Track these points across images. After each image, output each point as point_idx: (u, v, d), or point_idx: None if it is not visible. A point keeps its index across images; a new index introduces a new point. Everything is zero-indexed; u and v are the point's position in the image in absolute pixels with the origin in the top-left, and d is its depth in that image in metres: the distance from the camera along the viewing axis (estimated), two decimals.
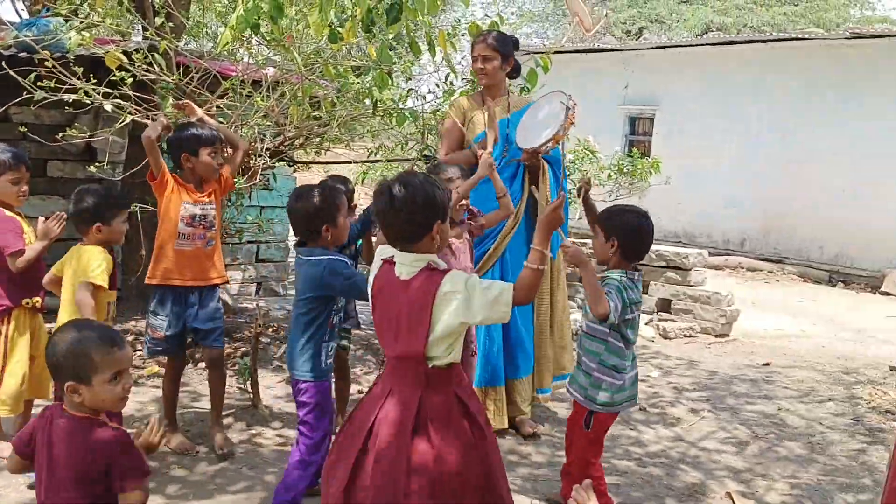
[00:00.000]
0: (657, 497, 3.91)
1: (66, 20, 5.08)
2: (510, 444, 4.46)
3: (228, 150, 4.25)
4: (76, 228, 3.63)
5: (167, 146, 4.17)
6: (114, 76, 4.61)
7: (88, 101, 4.65)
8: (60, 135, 4.85)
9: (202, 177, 4.07)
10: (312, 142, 5.86)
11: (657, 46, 15.62)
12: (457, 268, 3.08)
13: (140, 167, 5.26)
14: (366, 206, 4.15)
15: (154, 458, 3.92)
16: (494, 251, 4.45)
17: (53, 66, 4.54)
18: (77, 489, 2.26)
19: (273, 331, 6.30)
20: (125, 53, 4.65)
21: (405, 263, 2.55)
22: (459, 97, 5.03)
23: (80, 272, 3.49)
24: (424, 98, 6.16)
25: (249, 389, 4.81)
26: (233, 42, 3.98)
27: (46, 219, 3.76)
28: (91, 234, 3.57)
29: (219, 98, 4.94)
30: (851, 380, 6.22)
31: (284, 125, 5.24)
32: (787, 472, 4.32)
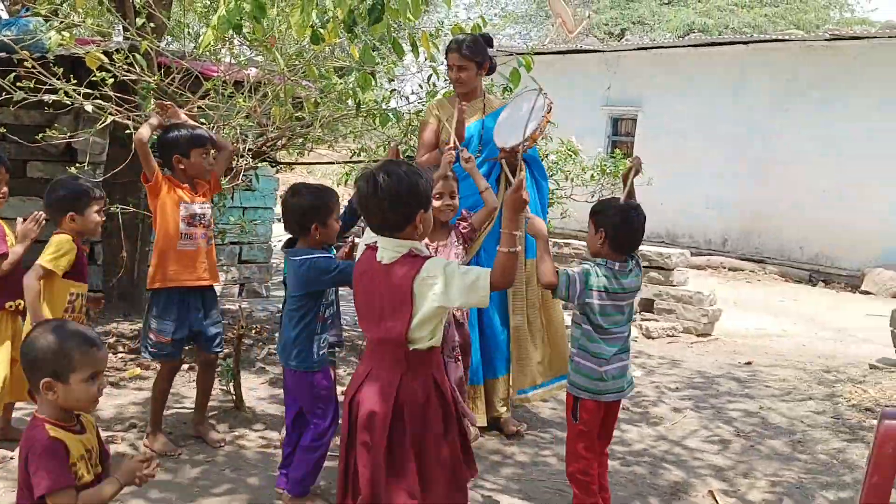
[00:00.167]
0: (640, 496, 3.93)
1: (46, 20, 5.04)
2: (494, 445, 4.46)
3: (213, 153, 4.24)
4: (51, 218, 3.62)
5: (158, 147, 4.15)
6: (94, 77, 4.58)
7: (69, 102, 4.61)
8: (40, 135, 4.81)
9: (193, 177, 4.07)
10: (295, 142, 5.85)
11: (639, 48, 15.71)
12: None
13: (121, 168, 5.25)
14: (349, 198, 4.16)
15: None
16: (471, 248, 4.45)
17: (33, 67, 4.50)
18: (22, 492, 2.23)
19: (256, 332, 6.28)
20: (106, 54, 4.62)
21: (387, 248, 2.60)
22: (436, 99, 5.03)
23: (43, 255, 3.51)
24: (408, 99, 6.16)
25: (232, 391, 4.79)
26: (215, 43, 3.96)
27: (25, 220, 3.73)
28: (65, 224, 3.58)
29: (200, 99, 4.92)
30: (832, 378, 6.28)
31: (267, 126, 5.22)
32: (769, 470, 4.35)
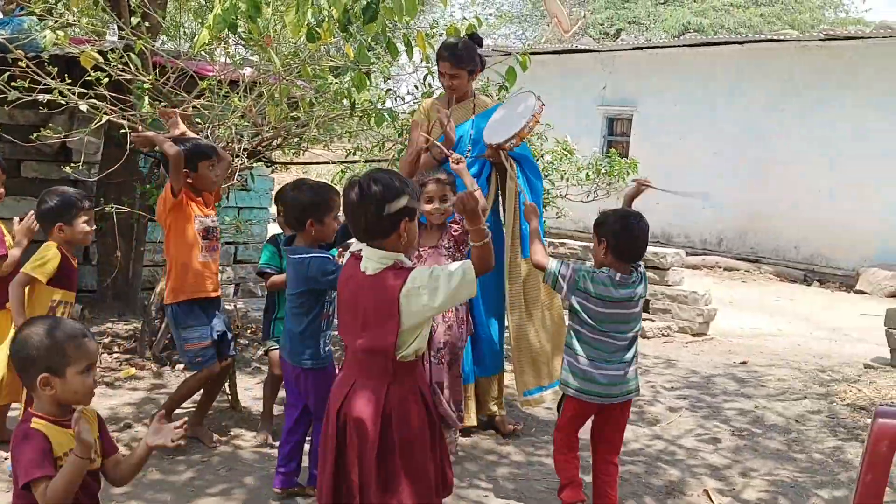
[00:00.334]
0: (636, 495, 3.93)
1: (41, 19, 5.03)
2: (489, 444, 4.46)
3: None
4: (41, 228, 3.64)
5: (164, 162, 4.16)
6: (89, 76, 4.57)
7: (63, 102, 4.60)
8: (35, 135, 4.80)
9: (201, 190, 4.09)
10: (290, 142, 5.84)
11: (635, 47, 15.72)
12: None
13: (115, 168, 5.24)
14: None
15: None
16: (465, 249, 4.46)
17: (28, 66, 4.49)
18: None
19: (251, 332, 6.27)
20: (101, 53, 4.61)
21: (372, 259, 2.60)
22: (426, 99, 5.03)
23: (31, 261, 3.55)
24: (403, 99, 6.16)
25: (228, 391, 4.78)
26: (210, 42, 3.95)
27: (21, 220, 3.76)
28: (54, 234, 3.61)
29: (195, 98, 4.91)
30: (827, 377, 6.29)
31: (262, 126, 5.22)
32: (764, 469, 4.36)
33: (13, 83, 4.48)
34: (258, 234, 8.63)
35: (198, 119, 4.87)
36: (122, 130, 4.77)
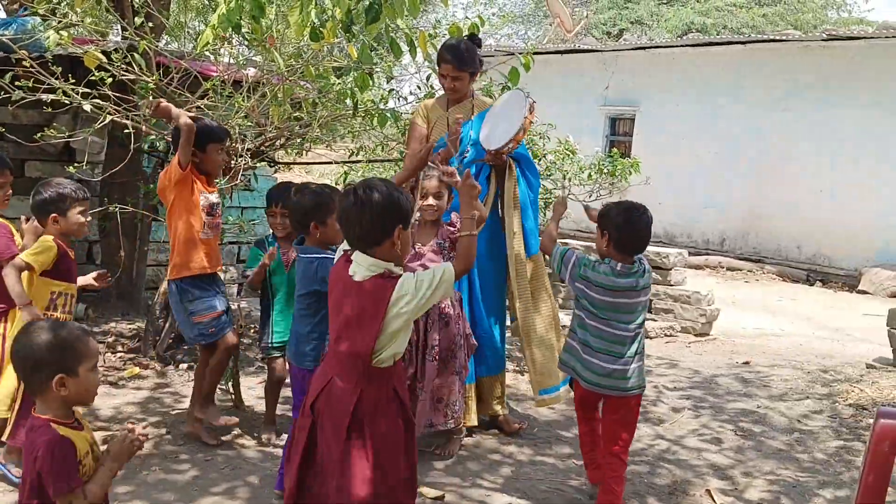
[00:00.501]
0: (638, 495, 3.93)
1: (44, 19, 5.04)
2: (492, 444, 4.46)
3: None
4: (37, 220, 3.65)
5: (173, 139, 4.15)
6: (93, 76, 4.58)
7: (67, 102, 4.62)
8: (39, 135, 4.81)
9: (206, 172, 4.10)
10: (293, 142, 5.85)
11: (637, 47, 15.71)
12: None
13: (119, 167, 5.26)
14: None
15: (134, 460, 3.91)
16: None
17: (31, 66, 4.50)
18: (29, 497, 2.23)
19: (254, 332, 6.28)
20: (104, 53, 4.62)
21: (361, 265, 2.63)
22: (425, 99, 5.03)
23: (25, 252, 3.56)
24: (405, 99, 6.17)
25: (231, 391, 4.79)
26: (214, 42, 3.96)
27: (28, 220, 3.80)
28: (49, 226, 3.60)
29: (199, 98, 4.92)
30: (830, 377, 6.29)
31: (265, 126, 5.23)
32: (767, 469, 4.36)
33: (17, 83, 4.49)
34: (261, 234, 8.63)
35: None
36: (126, 130, 4.78)
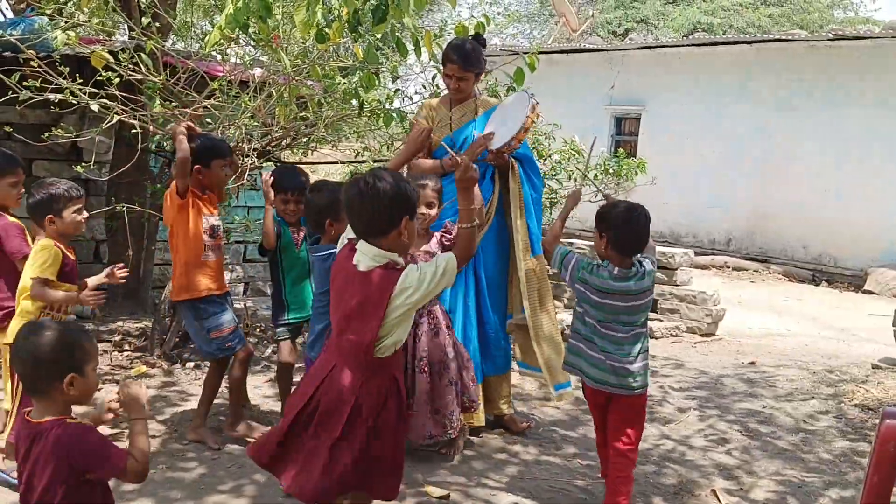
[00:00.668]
0: (643, 495, 3.94)
1: (51, 19, 5.06)
2: (498, 444, 4.47)
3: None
4: (33, 222, 3.65)
5: (173, 160, 4.17)
6: (100, 76, 4.60)
7: (74, 101, 4.63)
8: (46, 134, 4.83)
9: (209, 188, 4.09)
10: (299, 142, 5.87)
11: (643, 47, 15.69)
12: None
13: (127, 167, 5.27)
14: None
15: None
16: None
17: (39, 66, 4.52)
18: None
19: (260, 331, 6.29)
20: (111, 53, 4.64)
21: (366, 255, 2.64)
22: (429, 98, 5.03)
23: (31, 267, 3.53)
24: (411, 99, 6.18)
25: None
26: (220, 42, 3.97)
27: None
28: (46, 227, 3.58)
29: (206, 98, 4.93)
30: (835, 378, 6.28)
31: (271, 126, 5.24)
32: (773, 469, 4.36)
33: (25, 83, 4.51)
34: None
35: (208, 119, 4.89)
36: (133, 130, 4.80)
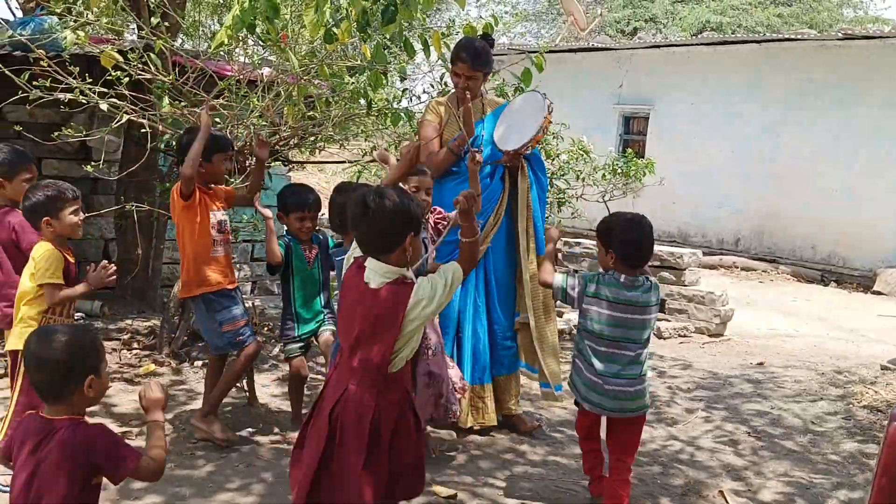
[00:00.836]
0: (651, 496, 3.93)
1: (61, 18, 5.07)
2: (506, 443, 4.47)
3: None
4: (30, 224, 3.64)
5: (178, 151, 4.17)
6: (109, 76, 4.61)
7: (84, 101, 4.65)
8: (56, 134, 4.84)
9: (211, 182, 4.11)
10: (307, 141, 5.88)
11: (652, 46, 15.66)
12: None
13: (136, 166, 5.29)
14: None
15: None
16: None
17: (49, 65, 4.54)
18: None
19: (268, 330, 6.31)
20: (121, 53, 4.65)
21: (376, 272, 2.64)
22: (437, 98, 5.03)
23: (35, 272, 3.51)
24: (419, 98, 6.18)
25: (245, 388, 4.82)
26: (228, 42, 3.98)
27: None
28: (44, 230, 3.56)
29: (215, 98, 4.95)
30: (844, 379, 6.26)
31: (279, 125, 5.25)
32: (781, 471, 4.35)
33: (34, 82, 4.52)
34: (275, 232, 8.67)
35: (217, 119, 4.91)
36: (143, 130, 4.81)
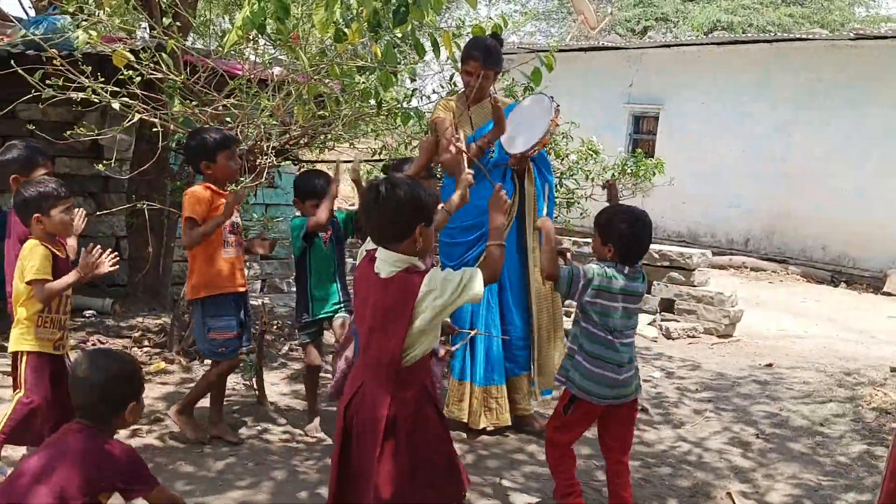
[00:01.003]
0: (659, 497, 3.93)
1: (73, 17, 5.10)
2: (515, 443, 4.48)
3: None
4: (21, 222, 3.64)
5: (184, 155, 4.20)
6: (121, 75, 4.63)
7: (96, 100, 4.67)
8: (68, 132, 4.87)
9: (221, 180, 4.14)
10: (317, 141, 5.89)
11: (662, 45, 15.61)
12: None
13: (147, 165, 5.32)
14: None
15: (161, 454, 3.97)
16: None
17: (61, 65, 4.56)
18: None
19: (278, 328, 6.34)
20: (132, 52, 4.67)
21: (386, 262, 2.62)
22: (448, 97, 5.03)
23: (23, 270, 3.51)
24: (429, 98, 6.19)
25: (255, 386, 4.84)
26: (239, 42, 4.00)
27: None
28: (34, 227, 3.55)
29: (225, 97, 4.97)
30: (853, 381, 6.24)
31: (290, 124, 5.27)
32: (789, 473, 4.34)
33: (47, 81, 4.55)
34: (285, 231, 8.69)
35: (227, 118, 4.93)
36: (154, 129, 4.84)
